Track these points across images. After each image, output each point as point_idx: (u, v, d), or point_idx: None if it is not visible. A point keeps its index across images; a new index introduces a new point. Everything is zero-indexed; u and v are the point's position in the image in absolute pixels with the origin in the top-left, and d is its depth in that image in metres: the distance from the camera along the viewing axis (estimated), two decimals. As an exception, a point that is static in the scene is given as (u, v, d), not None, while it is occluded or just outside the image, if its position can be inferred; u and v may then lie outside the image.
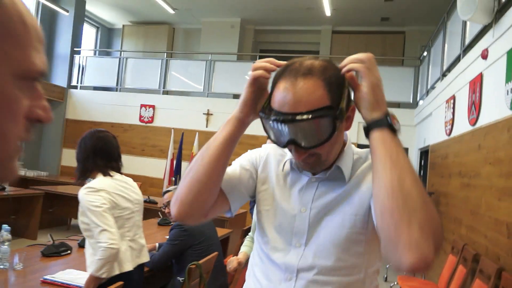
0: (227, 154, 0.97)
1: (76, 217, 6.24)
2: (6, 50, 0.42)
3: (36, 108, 0.47)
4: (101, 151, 2.06)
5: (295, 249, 0.98)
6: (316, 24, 9.73)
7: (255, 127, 5.21)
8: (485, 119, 3.29)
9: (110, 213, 1.94)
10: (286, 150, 1.05)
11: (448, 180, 4.39)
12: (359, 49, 8.02)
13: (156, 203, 5.61)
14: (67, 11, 7.59)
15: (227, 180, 1.02)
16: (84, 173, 2.05)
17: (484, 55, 3.31)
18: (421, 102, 6.89)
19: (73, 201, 6.09)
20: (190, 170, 0.96)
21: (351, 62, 0.90)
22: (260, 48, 11.09)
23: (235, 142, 0.98)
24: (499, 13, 3.14)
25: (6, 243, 2.24)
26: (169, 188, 3.11)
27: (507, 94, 2.77)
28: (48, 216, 6.27)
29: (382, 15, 8.70)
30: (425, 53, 6.89)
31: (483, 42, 3.45)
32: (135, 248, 2.12)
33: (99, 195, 1.93)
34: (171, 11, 7.77)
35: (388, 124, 0.85)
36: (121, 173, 2.18)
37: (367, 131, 0.88)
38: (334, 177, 0.99)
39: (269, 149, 1.12)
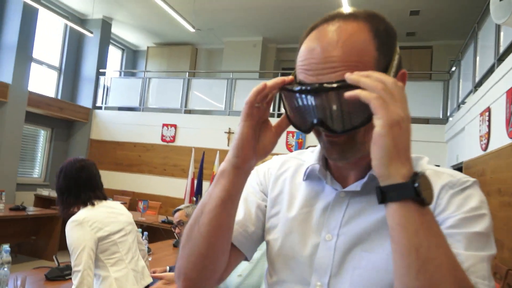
0: (229, 216, 0.74)
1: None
2: None
3: None
4: (85, 183, 1.94)
5: None
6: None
7: (278, 146, 5.11)
8: (526, 131, 3.01)
9: (92, 250, 1.80)
10: (305, 156, 0.86)
11: (487, 199, 4.05)
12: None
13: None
14: (91, 33, 7.76)
15: (235, 229, 0.79)
16: (67, 206, 1.95)
17: (523, 61, 3.05)
18: (451, 118, 6.56)
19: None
20: (187, 239, 0.74)
21: (365, 81, 0.60)
22: (282, 66, 11.01)
23: (236, 199, 0.74)
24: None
25: (6, 266, 2.11)
26: (180, 207, 2.95)
27: (552, 101, 2.50)
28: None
29: (407, 30, 8.48)
30: (454, 68, 6.60)
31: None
32: (137, 270, 1.97)
33: (82, 229, 1.81)
34: (192, 29, 7.81)
35: (414, 193, 0.56)
36: (105, 199, 2.08)
37: (382, 196, 0.60)
38: (370, 191, 0.72)
39: (282, 159, 0.89)
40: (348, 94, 0.61)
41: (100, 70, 9.55)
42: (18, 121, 7.47)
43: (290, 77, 0.72)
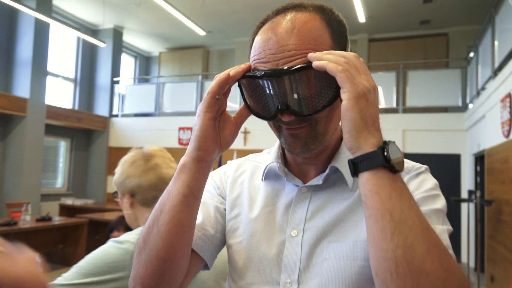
0: (191, 213, 0.68)
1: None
2: None
3: None
4: None
5: None
6: (351, 34, 9.30)
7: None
8: (551, 115, 2.92)
9: None
10: (262, 158, 0.85)
11: (510, 186, 3.96)
12: (399, 55, 7.70)
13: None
14: (104, 43, 7.87)
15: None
16: None
17: (544, 44, 2.96)
18: (471, 105, 6.42)
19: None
20: (144, 243, 0.67)
21: (328, 57, 0.61)
22: (295, 63, 10.98)
23: (199, 195, 0.70)
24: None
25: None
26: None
27: None
28: (95, 243, 6.33)
29: (421, 18, 8.32)
30: (471, 54, 6.46)
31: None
32: None
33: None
34: (203, 33, 7.84)
35: (384, 160, 0.57)
36: None
37: (354, 167, 0.60)
38: (332, 183, 0.74)
39: (237, 162, 0.89)
40: (315, 63, 0.61)
41: (115, 79, 9.69)
42: (38, 134, 7.63)
43: (248, 63, 0.70)
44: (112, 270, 1.09)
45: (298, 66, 0.63)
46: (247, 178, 0.84)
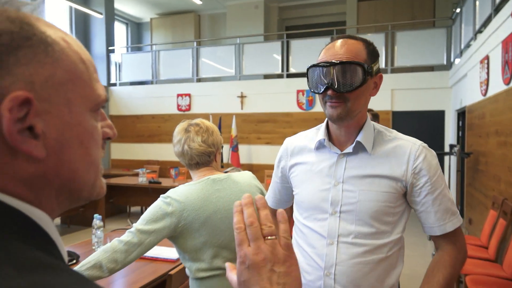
0: None
1: (133, 205, 6.69)
2: (79, 92, 0.47)
3: (105, 128, 0.54)
4: None
5: (332, 217, 1.13)
6: (340, -5, 9.67)
7: (290, 104, 5.58)
8: (518, 77, 3.36)
9: None
10: (312, 135, 1.26)
11: (486, 139, 4.47)
12: (387, 16, 7.99)
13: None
14: (101, 14, 7.96)
15: (275, 199, 1.39)
16: None
17: (514, 15, 3.35)
18: (456, 62, 6.82)
19: (130, 190, 6.64)
20: None
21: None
22: (286, 25, 11.13)
23: None
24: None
25: (100, 229, 2.63)
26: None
27: (538, 52, 2.85)
28: (111, 206, 6.84)
29: (407, -23, 8.52)
30: (457, 10, 6.73)
31: (513, 1, 3.48)
32: None
33: None
34: (199, 2, 7.97)
35: None
36: None
37: None
38: (358, 150, 1.14)
39: (293, 139, 1.32)
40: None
41: (110, 48, 9.83)
42: (43, 105, 7.90)
43: None
44: (161, 218, 1.51)
45: (342, 61, 1.07)
46: (301, 149, 1.27)
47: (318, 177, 1.18)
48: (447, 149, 6.92)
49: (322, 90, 1.08)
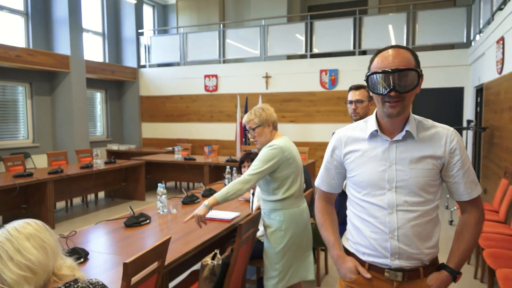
0: None
1: (168, 181, 7.31)
2: None
3: None
4: None
5: (389, 191, 1.38)
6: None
7: (313, 84, 6.15)
8: (529, 58, 3.69)
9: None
10: (362, 126, 1.50)
11: (500, 115, 4.81)
12: (409, -4, 8.10)
13: (237, 161, 6.46)
14: (135, 0, 8.35)
15: (328, 187, 1.62)
16: None
17: (526, 0, 3.65)
18: (474, 42, 7.04)
19: (166, 167, 7.21)
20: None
21: None
22: (308, 4, 11.35)
23: None
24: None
25: (164, 196, 3.15)
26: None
27: (545, 37, 3.18)
28: (148, 181, 7.45)
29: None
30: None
31: (526, -14, 3.76)
32: None
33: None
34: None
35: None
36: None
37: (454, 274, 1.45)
38: (406, 138, 1.39)
39: (345, 131, 1.54)
40: None
41: (139, 31, 10.29)
42: (81, 87, 8.49)
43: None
44: (271, 158, 2.42)
45: (404, 68, 1.30)
46: (355, 139, 1.50)
47: (374, 161, 1.41)
48: (465, 124, 7.23)
49: (387, 91, 1.31)
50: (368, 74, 1.37)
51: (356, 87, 2.69)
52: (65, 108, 8.30)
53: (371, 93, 1.39)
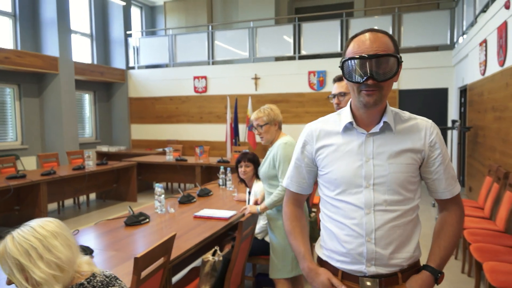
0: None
1: (160, 182, 7.34)
2: None
3: None
4: None
5: (366, 189, 1.25)
6: (348, -23, 10.01)
7: (301, 85, 6.33)
8: (510, 61, 3.86)
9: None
10: (335, 119, 1.38)
11: (483, 115, 5.00)
12: (394, -2, 8.34)
13: (229, 161, 6.55)
14: (124, 2, 8.37)
15: (298, 187, 1.46)
16: None
17: (507, 6, 3.83)
18: (458, 42, 7.25)
19: (157, 168, 7.24)
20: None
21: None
22: (296, 6, 11.49)
23: None
24: (518, -33, 3.62)
25: (162, 196, 3.21)
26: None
27: (526, 40, 3.35)
28: (140, 182, 7.46)
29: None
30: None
31: (507, -8, 3.94)
32: None
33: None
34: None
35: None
36: None
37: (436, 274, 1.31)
38: (383, 130, 1.27)
39: (316, 124, 1.40)
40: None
41: (127, 32, 10.29)
42: (70, 89, 8.45)
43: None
44: (291, 154, 2.64)
45: (382, 53, 1.18)
46: (327, 132, 1.37)
47: (349, 156, 1.29)
48: (450, 124, 7.44)
49: (363, 79, 1.19)
50: (343, 60, 1.24)
51: (340, 78, 2.34)
52: (54, 109, 8.26)
53: (345, 81, 1.28)
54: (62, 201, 6.29)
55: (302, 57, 8.87)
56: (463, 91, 6.79)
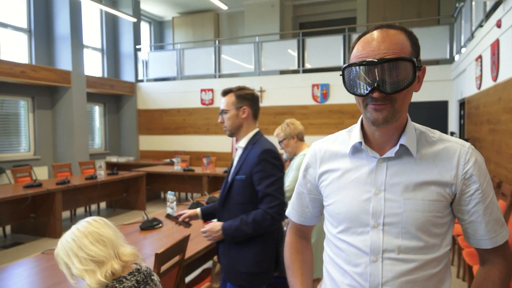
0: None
1: (167, 191, 7.52)
2: None
3: None
4: None
5: (374, 230, 0.98)
6: (351, -7, 10.34)
7: (305, 98, 6.66)
8: (503, 76, 4.09)
9: None
10: (344, 138, 1.11)
11: (480, 127, 5.21)
12: (395, 12, 8.75)
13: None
14: (135, 19, 8.72)
15: (300, 217, 1.23)
16: None
17: (498, 24, 4.07)
18: (457, 57, 7.49)
19: (165, 178, 7.48)
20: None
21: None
22: (300, 21, 11.81)
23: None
24: (507, -10, 3.87)
25: (174, 202, 3.44)
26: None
27: (514, 58, 3.59)
28: (148, 192, 7.70)
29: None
30: (460, 7, 7.34)
31: (498, 12, 4.19)
32: None
33: None
34: (225, 7, 8.73)
35: None
36: None
37: None
38: (400, 155, 0.99)
39: (322, 144, 1.16)
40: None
41: (137, 46, 10.64)
42: (81, 101, 8.76)
43: None
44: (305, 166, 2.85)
45: (392, 57, 0.89)
46: (333, 155, 1.11)
47: (356, 186, 1.03)
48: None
49: (367, 92, 0.93)
50: (344, 66, 0.97)
51: (225, 92, 2.11)
52: (65, 121, 8.56)
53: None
54: (74, 210, 6.54)
55: (306, 71, 9.14)
56: (462, 104, 7.00)
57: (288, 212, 1.27)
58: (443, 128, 7.94)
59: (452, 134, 6.36)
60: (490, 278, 1.01)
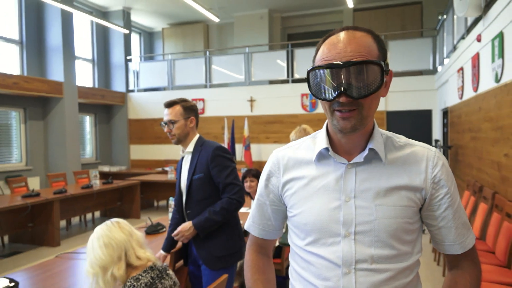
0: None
1: (162, 199, 7.73)
2: None
3: None
4: None
5: (345, 240, 0.93)
6: (338, 5, 10.67)
7: (295, 107, 6.96)
8: (482, 87, 4.37)
9: None
10: (308, 144, 1.07)
11: (462, 135, 5.49)
12: (381, 24, 9.11)
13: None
14: (128, 30, 8.85)
15: (261, 230, 1.16)
16: None
17: (478, 39, 4.35)
18: (439, 68, 7.84)
19: (158, 186, 7.59)
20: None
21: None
22: (288, 32, 12.11)
23: None
24: (486, 7, 4.15)
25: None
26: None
27: (492, 70, 3.86)
28: (142, 200, 7.79)
29: (397, -10, 9.50)
30: (442, 20, 7.71)
31: (478, 27, 4.48)
32: None
33: None
34: (216, 20, 8.95)
35: None
36: None
37: None
38: (370, 159, 0.96)
39: (285, 151, 1.10)
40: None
41: (127, 57, 10.77)
42: (73, 112, 8.83)
43: None
44: None
45: (359, 60, 0.86)
46: (297, 161, 1.05)
47: (323, 194, 0.97)
48: (433, 143, 7.96)
49: (333, 96, 0.88)
50: (309, 69, 0.93)
51: (169, 103, 2.25)
52: (57, 132, 8.60)
53: (313, 97, 1.09)
54: (69, 219, 6.60)
55: (295, 80, 9.39)
56: (445, 113, 7.32)
57: (248, 226, 1.19)
58: (428, 136, 8.26)
59: (436, 141, 6.64)
60: (461, 283, 0.99)
